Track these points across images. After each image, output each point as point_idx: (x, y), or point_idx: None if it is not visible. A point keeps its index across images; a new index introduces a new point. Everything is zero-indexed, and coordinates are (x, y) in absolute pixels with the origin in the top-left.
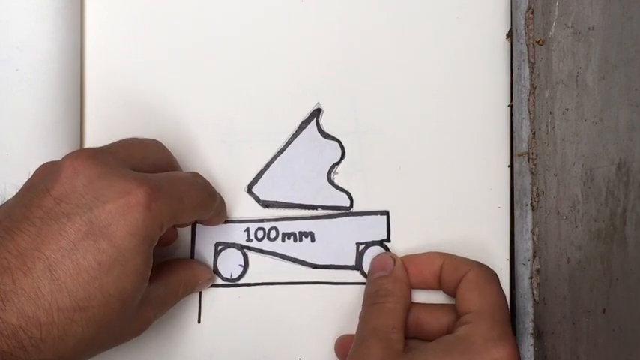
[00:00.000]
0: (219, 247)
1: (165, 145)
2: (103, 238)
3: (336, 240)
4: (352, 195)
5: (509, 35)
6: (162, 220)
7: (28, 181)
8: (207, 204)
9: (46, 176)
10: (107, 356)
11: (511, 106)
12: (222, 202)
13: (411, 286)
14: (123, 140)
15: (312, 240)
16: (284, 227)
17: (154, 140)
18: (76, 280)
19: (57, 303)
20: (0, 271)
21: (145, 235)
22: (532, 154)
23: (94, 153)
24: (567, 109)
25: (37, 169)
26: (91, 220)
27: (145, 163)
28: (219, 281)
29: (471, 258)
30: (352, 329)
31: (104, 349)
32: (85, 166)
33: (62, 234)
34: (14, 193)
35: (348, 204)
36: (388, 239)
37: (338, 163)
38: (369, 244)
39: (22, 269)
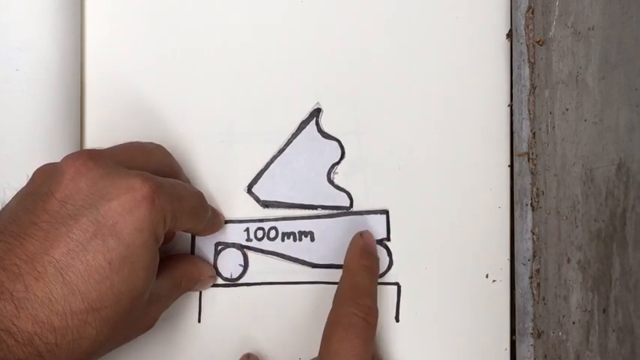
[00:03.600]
0: (219, 247)
1: (165, 145)
2: (111, 237)
3: (336, 239)
4: (352, 195)
5: (509, 35)
6: (165, 215)
7: (27, 184)
8: (201, 212)
9: (47, 179)
10: (108, 356)
11: (511, 106)
12: (214, 214)
13: None
14: (124, 144)
15: (312, 239)
16: (284, 227)
17: (157, 145)
18: (88, 281)
19: (70, 307)
20: (12, 278)
21: (152, 230)
22: (532, 154)
23: (94, 154)
24: (567, 109)
25: (36, 172)
26: (97, 219)
27: (145, 168)
28: (219, 281)
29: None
30: None
31: (115, 347)
32: (87, 167)
33: (70, 236)
34: (13, 196)
35: (347, 204)
36: (388, 238)
37: (338, 163)
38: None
39: (33, 275)
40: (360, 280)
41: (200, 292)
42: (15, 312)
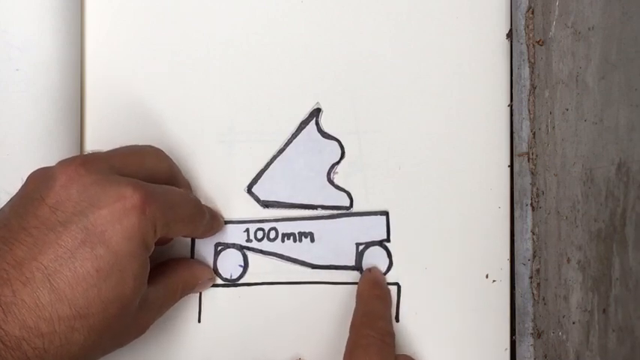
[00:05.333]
0: (219, 248)
1: (165, 145)
2: (100, 245)
3: (336, 240)
4: (352, 194)
5: (509, 35)
6: (155, 224)
7: (21, 188)
8: (197, 219)
9: (39, 184)
10: (107, 356)
11: (511, 106)
12: (213, 218)
13: None
14: (120, 148)
15: (312, 240)
16: (284, 228)
17: (154, 148)
18: (75, 288)
19: (57, 313)
20: (0, 283)
21: (141, 238)
22: (532, 154)
23: (87, 160)
24: (567, 109)
25: (30, 176)
26: (87, 227)
27: (141, 173)
28: (219, 281)
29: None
30: None
31: (105, 353)
32: (79, 174)
33: (59, 243)
34: (9, 199)
35: (347, 203)
36: (388, 239)
37: (337, 163)
38: (368, 245)
39: (21, 280)
40: (373, 307)
41: (200, 292)
42: (3, 316)
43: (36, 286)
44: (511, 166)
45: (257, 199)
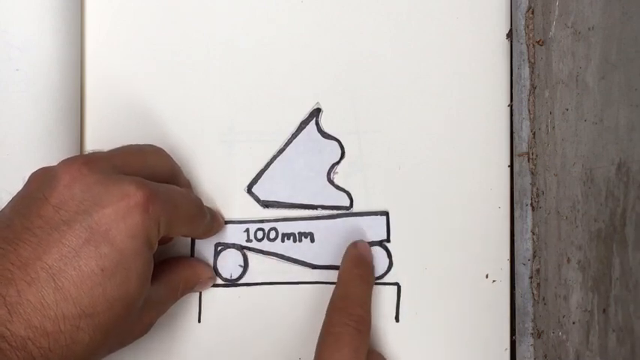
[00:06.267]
0: (219, 248)
1: (165, 145)
2: (105, 243)
3: (336, 240)
4: (352, 194)
5: (509, 35)
6: (159, 222)
7: (23, 188)
8: (198, 219)
9: (42, 183)
10: (109, 356)
11: (511, 106)
12: (213, 218)
13: None
14: (121, 147)
15: (312, 240)
16: (283, 228)
17: (156, 147)
18: (80, 287)
19: (62, 312)
20: (4, 283)
21: (145, 236)
22: (532, 154)
23: (89, 159)
24: (567, 109)
25: (32, 175)
26: (91, 225)
27: (143, 172)
28: (219, 281)
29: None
30: None
31: (110, 352)
32: (82, 173)
33: (63, 242)
34: (10, 199)
35: (347, 203)
36: (388, 239)
37: (338, 163)
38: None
39: (25, 280)
40: (352, 290)
41: (200, 292)
42: (8, 316)
43: (41, 286)
44: (511, 166)
45: (257, 199)
